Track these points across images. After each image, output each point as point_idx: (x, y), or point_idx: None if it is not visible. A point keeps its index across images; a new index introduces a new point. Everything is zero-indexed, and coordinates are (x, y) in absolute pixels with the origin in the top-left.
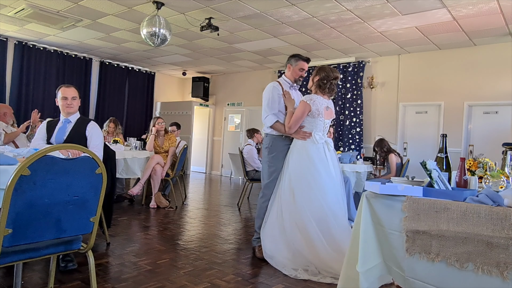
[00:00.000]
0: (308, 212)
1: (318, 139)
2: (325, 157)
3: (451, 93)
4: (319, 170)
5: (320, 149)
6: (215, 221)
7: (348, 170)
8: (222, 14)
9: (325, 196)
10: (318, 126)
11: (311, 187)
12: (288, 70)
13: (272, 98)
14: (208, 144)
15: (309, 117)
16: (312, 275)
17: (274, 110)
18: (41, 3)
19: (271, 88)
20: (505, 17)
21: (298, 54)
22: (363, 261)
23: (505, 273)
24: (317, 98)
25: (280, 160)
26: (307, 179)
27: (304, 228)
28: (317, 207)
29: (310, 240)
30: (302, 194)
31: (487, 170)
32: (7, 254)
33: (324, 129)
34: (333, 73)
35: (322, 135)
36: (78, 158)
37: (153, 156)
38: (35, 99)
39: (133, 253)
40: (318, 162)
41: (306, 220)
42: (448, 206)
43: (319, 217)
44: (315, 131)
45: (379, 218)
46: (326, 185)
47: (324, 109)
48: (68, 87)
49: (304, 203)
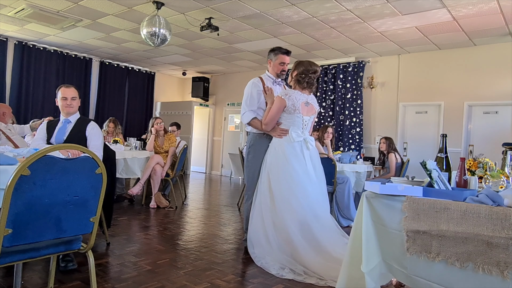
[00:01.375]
0: (288, 216)
1: (295, 136)
2: (302, 155)
3: (451, 93)
4: (296, 169)
5: (296, 147)
6: (215, 221)
7: (348, 170)
8: (222, 14)
9: (305, 196)
10: (296, 122)
11: (290, 187)
12: (269, 65)
13: (250, 95)
14: (208, 144)
15: (285, 113)
16: (298, 275)
17: (252, 106)
18: (41, 3)
19: (251, 84)
20: (505, 17)
21: (277, 47)
22: (367, 261)
23: (505, 273)
24: (294, 93)
25: (260, 159)
26: (285, 179)
27: (284, 229)
28: (296, 208)
29: (291, 241)
30: (280, 195)
31: (487, 170)
32: (7, 254)
33: (304, 126)
34: (312, 67)
35: (301, 132)
36: (78, 158)
37: (153, 156)
38: (35, 99)
39: (133, 253)
40: (295, 161)
41: (285, 222)
42: (448, 206)
43: (299, 218)
44: (293, 128)
45: (380, 217)
46: (305, 184)
47: (303, 105)
48: (68, 87)
49: (282, 204)
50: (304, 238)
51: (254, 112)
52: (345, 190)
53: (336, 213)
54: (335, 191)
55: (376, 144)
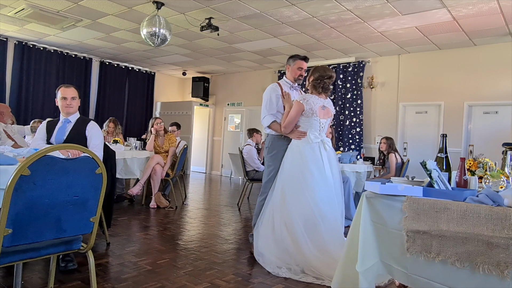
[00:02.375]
0: (296, 211)
1: (313, 138)
2: (319, 156)
3: (451, 93)
4: (311, 170)
5: (314, 148)
6: (215, 221)
7: (348, 170)
8: (222, 14)
9: (314, 196)
10: (313, 125)
11: (301, 187)
12: (288, 71)
13: (270, 99)
14: (208, 144)
15: (303, 117)
16: (294, 274)
17: (272, 110)
18: (41, 3)
19: (270, 89)
20: (505, 17)
21: (296, 54)
22: (362, 260)
23: (505, 272)
24: (311, 98)
25: (279, 159)
26: (298, 179)
27: (291, 227)
28: (304, 207)
29: (296, 239)
30: (292, 193)
31: (487, 170)
32: (7, 254)
33: (321, 128)
34: (326, 72)
35: (318, 134)
36: (78, 158)
37: (153, 156)
38: (35, 99)
39: (133, 253)
40: (311, 162)
41: (293, 220)
42: (448, 206)
43: (306, 217)
44: (310, 130)
45: (380, 216)
46: (317, 185)
47: (320, 109)
48: (68, 87)
49: (292, 203)
50: (308, 234)
51: (273, 116)
52: (345, 190)
53: None
54: None
55: (376, 144)
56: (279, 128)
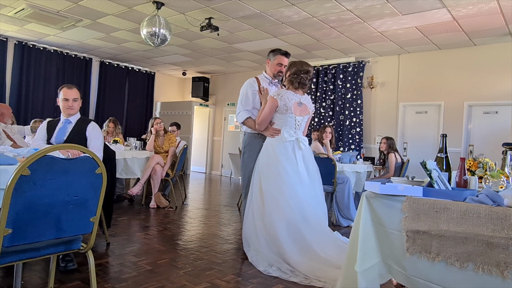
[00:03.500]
0: (276, 212)
1: (287, 136)
2: (293, 155)
3: (451, 93)
4: (286, 169)
5: (288, 147)
6: (215, 221)
7: (348, 170)
8: (222, 14)
9: (293, 196)
10: (288, 122)
11: (279, 187)
12: (267, 66)
13: (246, 95)
14: (208, 144)
15: (278, 113)
16: (284, 273)
17: (247, 106)
18: (41, 3)
19: (247, 84)
20: (505, 17)
21: (277, 48)
22: (361, 260)
23: (505, 273)
24: (286, 93)
25: (255, 159)
26: (274, 178)
27: (272, 228)
28: (284, 207)
29: (277, 240)
30: (270, 194)
31: (487, 170)
32: (7, 254)
33: (296, 126)
34: (303, 67)
35: (294, 132)
36: (78, 158)
37: (153, 156)
38: (35, 99)
39: (133, 253)
40: (285, 161)
41: (273, 221)
42: (448, 206)
43: (287, 217)
44: (285, 128)
45: (379, 217)
46: (295, 184)
47: (295, 105)
48: (70, 88)
49: (271, 203)
50: (290, 238)
51: (248, 112)
52: (345, 190)
53: (336, 213)
54: (335, 191)
55: (376, 144)
56: (253, 125)
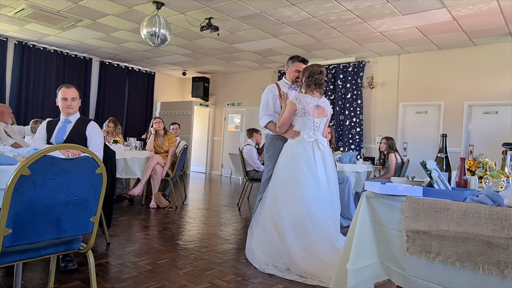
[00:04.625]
0: (285, 210)
1: (306, 137)
2: (312, 156)
3: (451, 93)
4: (302, 169)
5: (307, 148)
6: (215, 221)
7: (348, 170)
8: (222, 14)
9: (303, 196)
10: (307, 125)
11: (291, 186)
12: (287, 72)
13: (267, 100)
14: (208, 144)
15: (297, 116)
16: (279, 271)
17: (268, 111)
18: (41, 3)
19: (267, 90)
20: (505, 17)
21: (296, 55)
22: (354, 259)
23: (505, 272)
24: (304, 97)
25: (275, 159)
26: (289, 178)
27: (280, 225)
28: (293, 206)
29: (283, 237)
30: (282, 193)
31: (487, 170)
32: (7, 254)
33: (315, 128)
34: (315, 68)
35: (312, 134)
36: (78, 158)
37: (153, 156)
38: (35, 99)
39: (133, 253)
40: (302, 162)
41: (282, 218)
42: (448, 206)
43: (294, 216)
44: (304, 129)
45: (379, 217)
46: (307, 185)
47: (313, 108)
48: (69, 87)
49: (282, 202)
50: (294, 232)
51: (270, 116)
52: (345, 190)
53: None
54: None
55: (376, 144)
56: (275, 128)
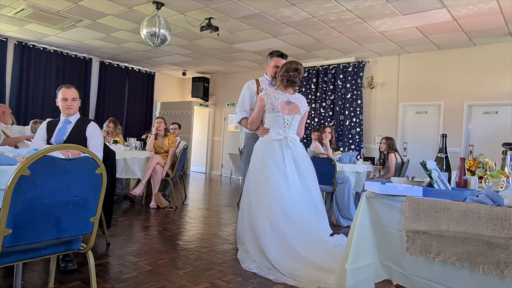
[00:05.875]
0: (259, 212)
1: (274, 135)
2: (280, 154)
3: (451, 93)
4: (271, 168)
5: (275, 146)
6: (215, 221)
7: (348, 170)
8: (222, 14)
9: (276, 195)
10: (277, 122)
11: (263, 186)
12: (266, 68)
13: (243, 96)
14: (208, 144)
15: (267, 113)
16: (262, 270)
17: (244, 107)
18: (41, 3)
19: (245, 86)
20: (505, 17)
21: (275, 51)
22: (353, 259)
23: (505, 272)
24: (273, 93)
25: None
26: (260, 178)
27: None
28: (266, 206)
29: (259, 238)
30: (255, 193)
31: (487, 170)
32: (7, 254)
33: (286, 125)
34: (292, 65)
35: (282, 131)
36: (78, 158)
37: (153, 156)
38: (35, 99)
39: (133, 253)
40: (270, 160)
41: (256, 219)
42: (448, 206)
43: (268, 215)
44: (273, 127)
45: (379, 217)
46: (278, 183)
47: (283, 104)
48: (69, 87)
49: (256, 203)
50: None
51: (245, 113)
52: (345, 190)
53: (336, 213)
54: (335, 191)
55: (376, 144)
56: (247, 125)
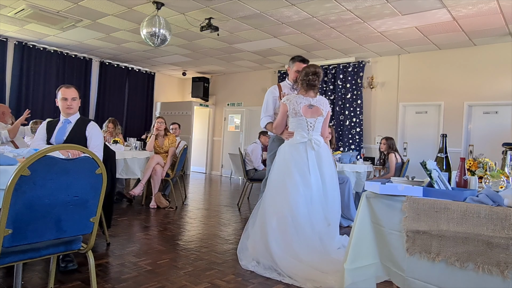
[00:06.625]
0: (271, 211)
1: (299, 138)
2: (304, 156)
3: (451, 93)
4: (292, 170)
5: (298, 148)
6: (215, 221)
7: (348, 170)
8: (222, 14)
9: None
10: (300, 125)
11: (280, 187)
12: (289, 72)
13: (267, 102)
14: (208, 144)
15: (290, 117)
16: (260, 269)
17: (268, 112)
18: (41, 3)
19: (268, 92)
20: (505, 17)
21: (297, 56)
22: (352, 259)
23: (505, 272)
24: (295, 98)
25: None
26: (279, 179)
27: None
28: (278, 207)
29: (265, 235)
30: (271, 193)
31: (487, 170)
32: (7, 254)
33: (309, 128)
34: (310, 69)
35: (306, 134)
36: (78, 158)
37: (153, 156)
38: (35, 99)
39: (133, 253)
40: (293, 163)
41: (267, 218)
42: (448, 206)
43: (278, 216)
44: (297, 130)
45: (378, 218)
46: (295, 186)
47: (305, 108)
48: (68, 87)
49: (269, 202)
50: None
51: (270, 118)
52: (345, 190)
53: None
54: None
55: (376, 144)
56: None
